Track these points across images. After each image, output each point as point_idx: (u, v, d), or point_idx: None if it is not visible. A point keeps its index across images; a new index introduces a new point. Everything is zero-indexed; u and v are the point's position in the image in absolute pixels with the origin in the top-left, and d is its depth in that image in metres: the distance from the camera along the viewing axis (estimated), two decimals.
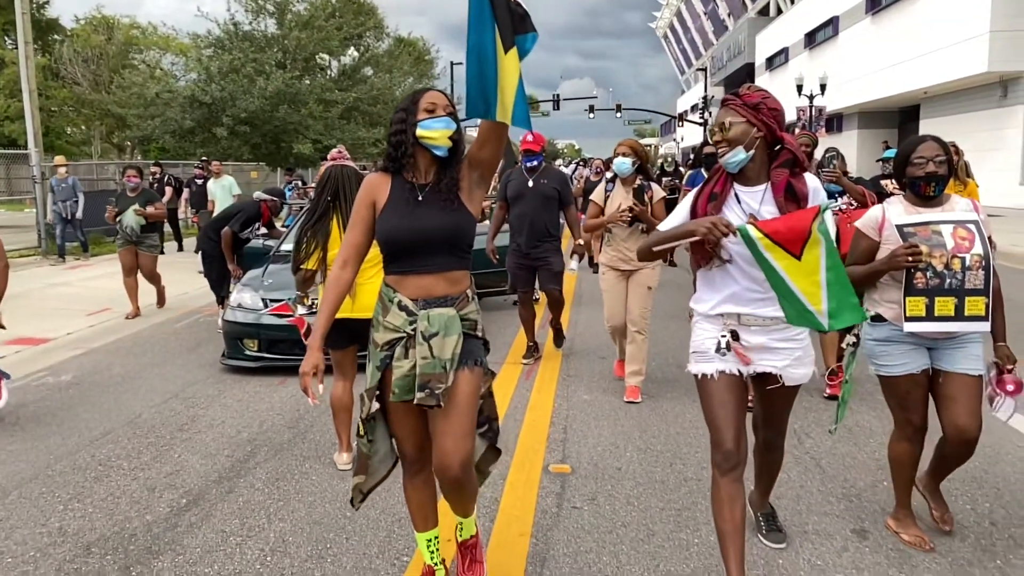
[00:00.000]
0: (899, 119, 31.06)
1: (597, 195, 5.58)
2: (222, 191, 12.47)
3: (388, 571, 3.11)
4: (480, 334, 2.68)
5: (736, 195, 2.70)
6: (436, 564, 2.84)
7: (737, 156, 2.64)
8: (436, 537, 2.86)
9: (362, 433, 2.68)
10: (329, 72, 26.09)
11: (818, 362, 5.12)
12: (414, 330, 2.53)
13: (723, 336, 2.72)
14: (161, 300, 9.20)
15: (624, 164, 5.35)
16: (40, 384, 6.15)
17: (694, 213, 2.76)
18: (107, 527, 3.57)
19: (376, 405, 2.65)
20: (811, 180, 2.67)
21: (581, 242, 6.38)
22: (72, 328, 8.14)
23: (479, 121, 2.57)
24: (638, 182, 5.32)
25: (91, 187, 17.66)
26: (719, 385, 2.72)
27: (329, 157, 4.16)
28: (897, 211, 3.15)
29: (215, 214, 11.12)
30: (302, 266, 4.14)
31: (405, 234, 2.56)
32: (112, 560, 3.25)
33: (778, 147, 2.71)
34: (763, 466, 3.22)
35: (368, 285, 3.94)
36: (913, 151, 3.13)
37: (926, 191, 3.10)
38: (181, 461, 4.39)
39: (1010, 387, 3.16)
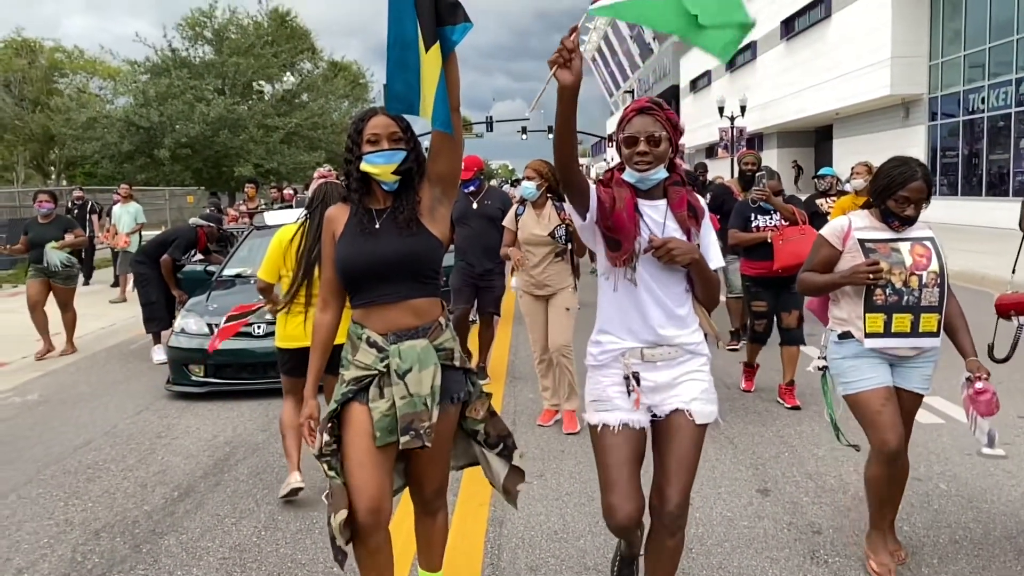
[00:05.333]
0: (815, 138, 32.95)
1: (508, 221, 5.41)
2: (128, 217, 12.06)
3: None
4: (459, 363, 2.54)
5: (637, 206, 2.54)
6: None
7: (659, 174, 2.49)
8: None
9: (333, 467, 2.46)
10: (267, 97, 26.36)
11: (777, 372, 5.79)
12: (386, 367, 2.42)
13: (631, 374, 2.50)
14: (70, 337, 8.33)
15: (529, 188, 5.11)
16: (8, 404, 6.42)
17: (602, 208, 2.49)
18: (109, 517, 3.99)
19: (327, 438, 2.46)
20: (699, 198, 2.65)
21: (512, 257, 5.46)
22: (26, 352, 8.33)
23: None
24: (549, 203, 5.16)
25: (13, 215, 17.54)
26: (618, 439, 2.49)
27: (318, 175, 4.50)
28: (862, 224, 3.17)
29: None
30: (259, 274, 4.15)
31: (361, 263, 2.44)
32: (122, 541, 3.69)
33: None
34: (661, 554, 2.59)
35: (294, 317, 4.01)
36: (903, 185, 3.00)
37: (897, 229, 3.09)
38: (165, 462, 4.80)
39: (985, 396, 3.01)
